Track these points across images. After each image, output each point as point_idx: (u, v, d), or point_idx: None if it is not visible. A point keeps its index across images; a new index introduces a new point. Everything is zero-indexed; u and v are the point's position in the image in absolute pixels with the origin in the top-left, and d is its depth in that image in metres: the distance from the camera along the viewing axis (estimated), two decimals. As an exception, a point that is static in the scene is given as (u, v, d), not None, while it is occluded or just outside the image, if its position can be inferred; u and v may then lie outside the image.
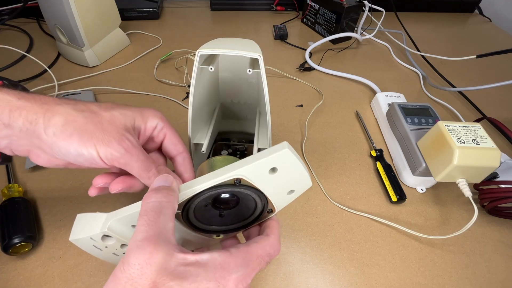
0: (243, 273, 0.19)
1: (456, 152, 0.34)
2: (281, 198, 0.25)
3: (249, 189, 0.22)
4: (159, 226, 0.18)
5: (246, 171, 0.21)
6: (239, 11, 0.86)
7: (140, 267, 0.16)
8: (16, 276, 0.31)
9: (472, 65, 0.68)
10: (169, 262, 0.17)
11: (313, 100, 0.56)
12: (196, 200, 0.22)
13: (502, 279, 0.34)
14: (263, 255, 0.21)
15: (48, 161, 0.24)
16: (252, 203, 0.24)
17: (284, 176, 0.22)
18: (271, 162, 0.21)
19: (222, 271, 0.18)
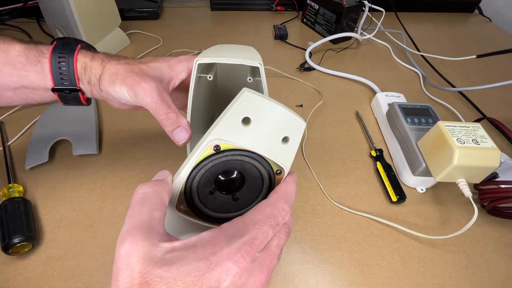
0: (238, 245, 0.17)
1: (456, 152, 0.34)
2: (279, 151, 0.22)
3: (235, 154, 0.20)
4: (141, 217, 0.18)
5: (218, 134, 0.19)
6: (239, 11, 0.86)
7: (125, 258, 0.16)
8: (16, 276, 0.31)
9: (472, 65, 0.68)
10: (154, 251, 0.16)
11: (313, 100, 0.56)
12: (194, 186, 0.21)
13: (502, 279, 0.34)
14: (262, 219, 0.19)
15: (117, 105, 0.32)
16: (255, 170, 0.22)
17: (262, 123, 0.20)
18: (237, 113, 0.19)
19: (211, 248, 0.17)
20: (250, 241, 0.18)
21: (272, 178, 0.23)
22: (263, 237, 0.18)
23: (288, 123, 0.21)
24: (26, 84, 0.28)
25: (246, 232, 0.18)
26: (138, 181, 0.40)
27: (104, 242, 0.34)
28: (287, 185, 0.22)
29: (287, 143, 0.22)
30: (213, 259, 0.16)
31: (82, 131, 0.44)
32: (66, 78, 0.28)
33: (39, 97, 0.30)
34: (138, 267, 0.16)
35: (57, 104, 0.49)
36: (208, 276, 0.16)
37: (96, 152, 0.42)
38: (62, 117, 0.45)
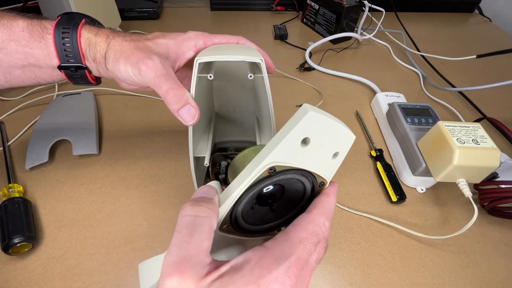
0: (285, 266, 0.17)
1: (456, 152, 0.34)
2: (327, 165, 0.21)
3: (288, 173, 0.19)
4: (191, 248, 0.16)
5: (276, 157, 0.18)
6: (239, 11, 0.86)
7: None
8: (16, 276, 0.31)
9: (472, 65, 0.68)
10: (200, 284, 0.15)
11: (313, 100, 0.56)
12: (239, 208, 0.20)
13: (502, 279, 0.34)
14: (306, 237, 0.18)
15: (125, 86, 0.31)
16: (299, 184, 0.21)
17: (320, 142, 0.19)
18: (299, 134, 0.18)
19: (260, 270, 0.16)
20: (297, 262, 0.17)
21: (315, 190, 0.22)
22: (307, 256, 0.18)
23: (341, 138, 0.21)
24: (33, 62, 0.28)
25: (292, 253, 0.17)
26: (139, 181, 0.40)
27: (104, 242, 0.34)
28: (328, 198, 0.21)
29: (337, 157, 0.21)
30: (262, 282, 0.16)
31: (82, 131, 0.44)
32: (71, 55, 0.27)
33: (48, 76, 0.30)
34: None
35: (57, 103, 0.49)
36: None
37: (96, 152, 0.42)
38: (62, 117, 0.45)
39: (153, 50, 0.27)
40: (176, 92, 0.25)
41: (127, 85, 0.31)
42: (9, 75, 0.28)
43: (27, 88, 0.52)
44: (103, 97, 0.53)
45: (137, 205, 0.38)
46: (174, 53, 0.28)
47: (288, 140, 0.18)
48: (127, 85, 0.31)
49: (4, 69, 0.28)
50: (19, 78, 0.29)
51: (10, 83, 0.29)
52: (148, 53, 0.26)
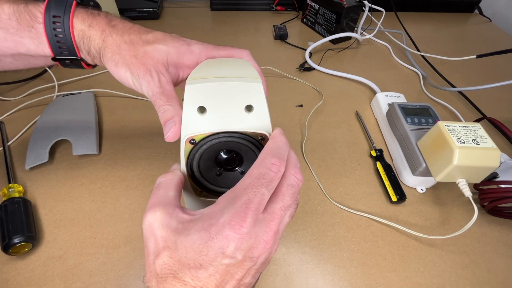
0: (232, 213, 0.18)
1: (456, 152, 0.34)
2: (249, 120, 0.23)
3: (209, 139, 0.23)
4: (158, 196, 0.21)
5: (187, 130, 0.22)
6: (239, 11, 0.86)
7: (148, 227, 0.20)
8: (16, 276, 0.31)
9: (472, 65, 0.68)
10: (170, 220, 0.19)
11: (313, 100, 0.56)
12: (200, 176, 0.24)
13: (502, 279, 0.34)
14: (251, 182, 0.19)
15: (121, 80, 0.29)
16: (240, 145, 0.24)
17: (218, 105, 0.22)
18: (190, 106, 0.22)
19: (209, 220, 0.19)
20: (244, 206, 0.18)
21: (260, 146, 0.24)
22: (259, 199, 0.19)
23: (243, 92, 0.22)
24: (24, 51, 0.26)
25: (238, 200, 0.19)
26: (138, 181, 0.40)
27: (104, 242, 0.34)
28: (271, 140, 0.22)
29: (253, 110, 0.22)
30: (212, 230, 0.18)
31: (82, 131, 0.44)
32: (65, 47, 0.26)
33: (42, 62, 0.29)
34: (159, 232, 0.19)
35: (57, 103, 0.49)
36: (211, 244, 0.18)
37: (96, 152, 0.42)
38: (62, 117, 0.45)
39: (152, 59, 0.26)
40: (167, 107, 0.25)
41: None
42: (1, 61, 0.28)
43: (27, 88, 0.52)
44: (103, 97, 0.53)
45: (137, 205, 0.38)
46: (173, 62, 0.27)
47: (185, 114, 0.22)
48: None
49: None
50: (11, 64, 0.28)
51: (2, 68, 0.29)
52: (148, 66, 0.26)
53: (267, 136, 0.23)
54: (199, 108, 0.22)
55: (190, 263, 0.18)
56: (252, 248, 0.18)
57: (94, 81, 0.56)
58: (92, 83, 0.56)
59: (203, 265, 0.18)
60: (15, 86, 0.53)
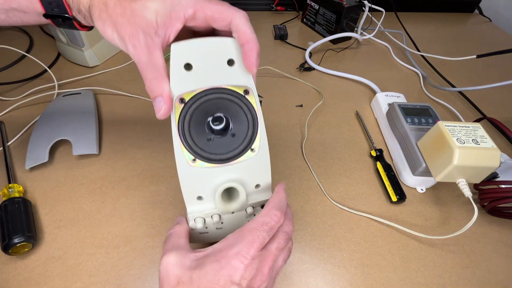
0: (239, 248, 0.22)
1: (456, 152, 0.34)
2: (233, 75, 0.25)
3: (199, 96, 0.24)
4: (172, 242, 0.26)
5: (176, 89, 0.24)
6: (239, 11, 0.86)
7: (165, 267, 0.23)
8: (16, 276, 0.31)
9: (472, 65, 0.68)
10: (184, 260, 0.23)
11: (313, 100, 0.56)
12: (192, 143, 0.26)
13: (502, 279, 0.34)
14: (256, 226, 0.24)
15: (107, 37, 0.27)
16: (226, 102, 0.25)
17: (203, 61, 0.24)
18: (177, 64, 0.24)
19: (220, 253, 0.23)
20: (249, 244, 0.23)
21: (246, 101, 0.26)
22: (260, 240, 0.23)
23: (223, 47, 0.24)
24: (16, 6, 0.26)
25: (244, 238, 0.23)
26: (138, 181, 0.40)
27: (104, 242, 0.34)
28: (276, 195, 0.27)
29: (235, 64, 0.25)
30: (223, 261, 0.22)
31: (82, 131, 0.44)
32: (55, 4, 0.26)
33: (34, 20, 0.28)
34: (174, 271, 0.22)
35: (57, 103, 0.49)
36: (222, 273, 0.22)
37: (96, 152, 0.42)
38: (62, 117, 0.45)
39: (140, 18, 0.24)
40: (154, 82, 0.24)
41: None
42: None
43: (27, 88, 0.52)
44: (103, 97, 0.53)
45: (137, 205, 0.38)
46: (162, 21, 0.24)
47: (172, 73, 0.23)
48: None
49: None
50: (4, 21, 0.28)
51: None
52: (135, 27, 0.24)
53: (251, 89, 0.26)
54: (185, 65, 0.24)
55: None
56: (253, 278, 0.22)
57: (94, 81, 0.56)
58: (92, 83, 0.56)
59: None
60: (15, 86, 0.53)
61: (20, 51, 0.57)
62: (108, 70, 0.58)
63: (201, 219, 0.29)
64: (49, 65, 0.57)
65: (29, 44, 0.64)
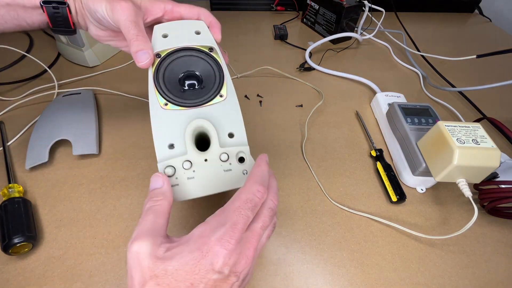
0: (222, 232, 0.20)
1: (456, 152, 0.34)
2: (198, 38, 0.32)
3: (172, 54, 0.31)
4: (147, 223, 0.22)
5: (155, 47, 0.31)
6: (239, 11, 0.86)
7: (136, 256, 0.20)
8: (16, 276, 0.31)
9: (472, 65, 0.68)
10: (157, 250, 0.20)
11: (313, 100, 0.56)
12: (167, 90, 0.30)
13: (502, 279, 0.34)
14: (240, 205, 0.22)
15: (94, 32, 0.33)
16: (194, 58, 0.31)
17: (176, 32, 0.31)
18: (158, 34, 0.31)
19: (201, 239, 0.20)
20: (232, 226, 0.21)
21: (211, 56, 0.32)
22: (244, 220, 0.21)
23: (193, 25, 0.33)
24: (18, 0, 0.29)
25: (227, 220, 0.21)
26: (138, 181, 0.40)
27: (104, 242, 0.34)
28: (257, 168, 0.25)
29: (201, 34, 0.32)
30: (204, 248, 0.20)
31: (82, 131, 0.44)
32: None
33: (30, 17, 0.30)
34: (146, 263, 0.19)
35: (57, 103, 0.49)
36: (203, 262, 0.19)
37: (96, 152, 0.42)
38: (62, 117, 0.45)
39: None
40: (140, 38, 0.29)
41: (96, 30, 0.32)
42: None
43: (27, 88, 0.52)
44: (103, 97, 0.53)
45: (137, 205, 0.38)
46: (145, 7, 0.31)
47: (153, 39, 0.31)
48: (96, 31, 0.33)
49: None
50: (2, 19, 0.30)
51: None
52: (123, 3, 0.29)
53: (214, 47, 0.32)
54: (163, 35, 0.31)
55: (180, 285, 0.19)
56: (237, 264, 0.20)
57: (94, 81, 0.56)
58: (92, 83, 0.56)
59: (194, 283, 0.19)
60: (15, 86, 0.53)
61: (20, 51, 0.57)
62: (108, 70, 0.58)
63: (171, 167, 0.27)
64: (49, 65, 0.57)
65: (29, 44, 0.64)
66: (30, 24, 0.31)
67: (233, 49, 0.68)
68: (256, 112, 0.53)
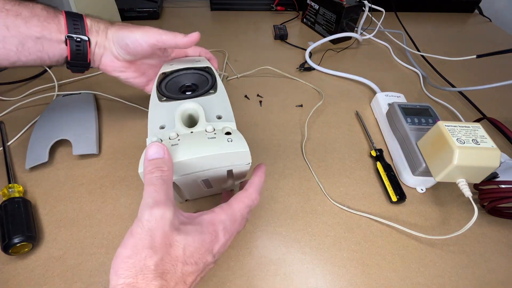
0: (227, 225, 0.25)
1: (456, 152, 0.34)
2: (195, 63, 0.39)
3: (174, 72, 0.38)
4: (165, 193, 0.22)
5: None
6: (239, 11, 0.86)
7: (156, 221, 0.21)
8: (16, 276, 0.31)
9: (472, 65, 0.68)
10: (175, 220, 0.22)
11: (313, 100, 0.56)
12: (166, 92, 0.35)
13: (502, 279, 0.34)
14: (242, 208, 0.26)
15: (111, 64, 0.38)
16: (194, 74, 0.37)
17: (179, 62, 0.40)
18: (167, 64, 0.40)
19: (212, 226, 0.24)
20: (234, 223, 0.26)
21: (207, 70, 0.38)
22: (243, 221, 0.27)
23: (193, 59, 0.41)
24: (46, 33, 0.33)
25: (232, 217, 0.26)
26: (138, 181, 0.40)
27: (104, 242, 0.34)
28: (259, 178, 0.29)
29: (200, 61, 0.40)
30: (213, 233, 0.24)
31: (82, 131, 0.44)
32: (78, 28, 0.35)
33: (52, 51, 0.34)
34: (166, 228, 0.21)
35: (57, 103, 0.49)
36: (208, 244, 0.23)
37: (96, 152, 0.42)
38: (62, 117, 0.45)
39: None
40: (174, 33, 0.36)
41: (111, 61, 0.38)
42: (21, 46, 0.32)
43: (27, 88, 0.52)
44: (103, 97, 0.53)
45: (137, 205, 0.37)
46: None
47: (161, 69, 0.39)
48: (111, 61, 0.38)
49: (21, 38, 0.32)
50: (27, 51, 0.33)
51: (18, 57, 0.32)
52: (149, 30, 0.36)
53: (210, 67, 0.38)
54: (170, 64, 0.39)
55: (187, 259, 0.21)
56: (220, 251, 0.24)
57: (94, 81, 0.56)
58: (92, 83, 0.56)
59: (197, 261, 0.22)
60: (15, 86, 0.53)
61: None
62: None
63: (158, 139, 0.27)
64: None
65: (29, 44, 0.64)
66: (50, 58, 0.34)
67: (233, 49, 0.68)
68: (256, 112, 0.53)
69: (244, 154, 0.28)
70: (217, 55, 0.66)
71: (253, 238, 0.36)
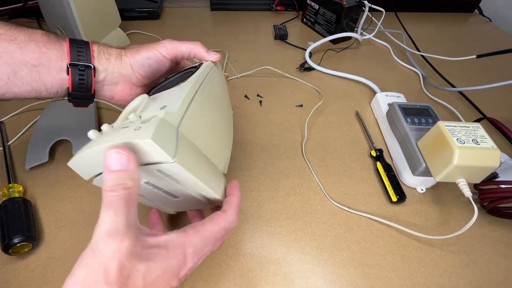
0: (197, 248, 0.23)
1: (456, 152, 0.34)
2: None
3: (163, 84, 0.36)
4: (125, 218, 0.19)
5: None
6: (239, 11, 0.86)
7: (112, 253, 0.18)
8: (16, 276, 0.31)
9: (472, 65, 0.68)
10: (135, 248, 0.19)
11: (313, 100, 0.56)
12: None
13: (502, 279, 0.34)
14: (218, 232, 0.25)
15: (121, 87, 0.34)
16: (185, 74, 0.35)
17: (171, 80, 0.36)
18: None
19: (180, 249, 0.22)
20: (205, 247, 0.24)
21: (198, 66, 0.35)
22: (216, 246, 0.26)
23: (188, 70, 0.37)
24: (45, 60, 0.29)
25: (204, 240, 0.24)
26: (138, 181, 0.40)
27: (104, 242, 0.34)
28: (237, 198, 0.27)
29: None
30: (180, 257, 0.22)
31: (82, 131, 0.44)
32: (82, 55, 0.30)
33: (51, 81, 0.30)
34: (123, 260, 0.18)
35: (57, 103, 0.49)
36: (174, 269, 0.21)
37: (96, 152, 0.42)
38: (62, 117, 0.45)
39: None
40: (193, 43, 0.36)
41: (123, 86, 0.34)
42: (13, 75, 0.28)
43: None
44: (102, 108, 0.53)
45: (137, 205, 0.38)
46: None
47: None
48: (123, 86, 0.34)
49: (14, 66, 0.28)
50: (20, 81, 0.28)
51: (8, 87, 0.28)
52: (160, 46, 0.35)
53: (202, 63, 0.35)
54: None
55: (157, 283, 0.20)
56: (186, 274, 0.23)
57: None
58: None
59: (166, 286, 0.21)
60: (15, 86, 0.53)
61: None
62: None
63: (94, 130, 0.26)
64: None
65: (29, 44, 0.64)
66: (48, 89, 0.30)
67: (233, 49, 0.68)
68: (256, 112, 0.53)
69: (149, 146, 0.20)
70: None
71: (253, 238, 0.36)
